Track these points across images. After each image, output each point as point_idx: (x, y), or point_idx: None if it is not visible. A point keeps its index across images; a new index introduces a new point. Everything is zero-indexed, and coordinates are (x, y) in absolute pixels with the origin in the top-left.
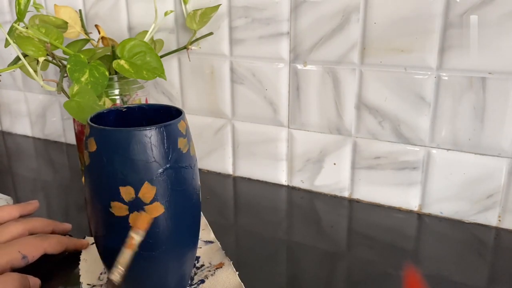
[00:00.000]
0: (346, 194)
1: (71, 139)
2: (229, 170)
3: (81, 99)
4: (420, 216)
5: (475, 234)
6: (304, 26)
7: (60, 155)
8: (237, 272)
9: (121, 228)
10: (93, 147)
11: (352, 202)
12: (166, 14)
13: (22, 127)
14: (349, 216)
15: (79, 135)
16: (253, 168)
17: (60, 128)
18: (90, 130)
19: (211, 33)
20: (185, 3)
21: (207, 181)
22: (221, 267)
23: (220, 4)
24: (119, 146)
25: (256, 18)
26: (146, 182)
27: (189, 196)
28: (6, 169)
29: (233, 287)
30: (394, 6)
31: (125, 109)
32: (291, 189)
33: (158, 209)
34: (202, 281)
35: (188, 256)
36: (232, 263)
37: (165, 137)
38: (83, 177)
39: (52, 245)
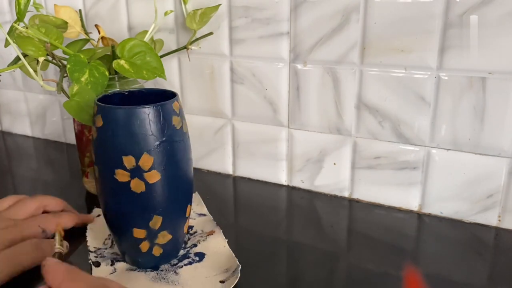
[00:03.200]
0: (346, 194)
1: (71, 139)
2: (229, 170)
3: (81, 99)
4: (420, 216)
5: (475, 234)
6: (304, 26)
7: (60, 155)
8: (227, 240)
9: (123, 192)
10: (99, 123)
11: (352, 202)
12: (166, 14)
13: (22, 127)
14: (349, 216)
15: (79, 135)
16: (253, 168)
17: (60, 128)
18: (98, 108)
19: (211, 33)
20: (185, 3)
21: (207, 181)
22: (212, 234)
23: (220, 4)
24: (122, 122)
25: (256, 18)
26: (145, 152)
27: (182, 166)
28: (6, 169)
29: (222, 252)
30: (394, 6)
31: (127, 93)
32: (291, 189)
33: (155, 176)
34: (195, 245)
35: (181, 220)
36: (222, 232)
37: (161, 115)
38: (84, 177)
39: (66, 220)
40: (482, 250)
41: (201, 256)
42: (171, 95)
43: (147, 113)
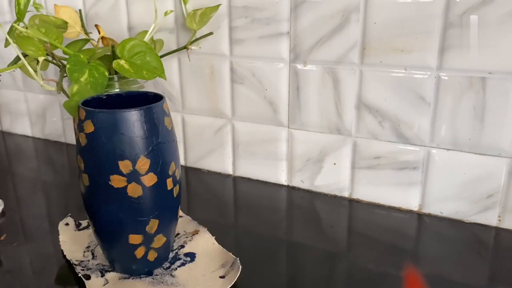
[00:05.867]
0: (346, 194)
1: (71, 139)
2: (229, 170)
3: (81, 99)
4: (420, 216)
5: (475, 234)
6: (304, 26)
7: (60, 155)
8: (214, 237)
9: (119, 198)
10: (90, 128)
11: (352, 202)
12: (166, 14)
13: (22, 127)
14: (349, 216)
15: None
16: (253, 168)
17: (60, 128)
18: (87, 113)
19: (211, 33)
20: (185, 3)
21: (207, 181)
22: (197, 234)
23: (220, 4)
24: (117, 126)
25: (256, 18)
26: (142, 156)
27: (175, 167)
28: (6, 169)
29: (212, 249)
30: (394, 6)
31: (105, 97)
32: (291, 189)
33: (152, 179)
34: (182, 246)
35: (174, 222)
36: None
37: (154, 116)
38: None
39: None
40: (482, 250)
41: (192, 256)
42: (153, 97)
43: (142, 115)
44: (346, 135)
